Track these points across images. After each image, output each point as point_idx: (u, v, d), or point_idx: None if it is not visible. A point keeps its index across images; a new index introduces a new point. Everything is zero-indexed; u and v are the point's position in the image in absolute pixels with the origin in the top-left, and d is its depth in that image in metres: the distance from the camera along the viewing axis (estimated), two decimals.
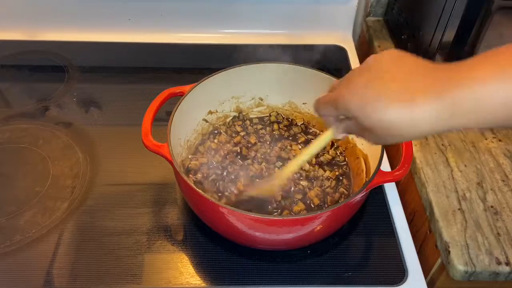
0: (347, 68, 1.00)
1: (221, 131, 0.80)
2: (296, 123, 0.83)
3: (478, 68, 0.40)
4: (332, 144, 0.79)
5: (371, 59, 0.47)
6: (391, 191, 0.76)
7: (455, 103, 0.40)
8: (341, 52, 1.04)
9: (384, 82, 0.43)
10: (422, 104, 0.40)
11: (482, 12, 0.73)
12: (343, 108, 0.46)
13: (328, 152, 0.78)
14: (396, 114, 0.41)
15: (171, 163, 0.63)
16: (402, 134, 0.43)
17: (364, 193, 0.62)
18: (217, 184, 0.71)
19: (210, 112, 0.80)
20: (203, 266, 0.66)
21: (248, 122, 0.83)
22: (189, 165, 0.74)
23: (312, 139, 0.80)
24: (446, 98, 0.40)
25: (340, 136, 0.52)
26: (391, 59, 0.45)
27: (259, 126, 0.82)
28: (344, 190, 0.72)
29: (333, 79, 0.76)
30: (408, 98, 0.41)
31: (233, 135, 0.80)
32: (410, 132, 0.42)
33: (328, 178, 0.74)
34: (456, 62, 0.42)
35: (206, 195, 0.59)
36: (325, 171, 0.75)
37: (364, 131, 0.46)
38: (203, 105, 0.78)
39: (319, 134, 0.81)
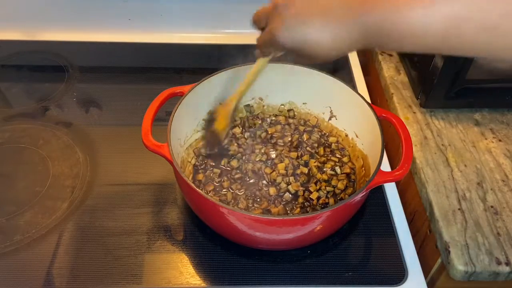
0: (347, 68, 1.00)
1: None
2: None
3: None
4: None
5: None
6: (391, 191, 0.76)
7: (366, 26, 0.46)
8: None
9: (308, 11, 0.50)
10: (339, 26, 0.48)
11: None
12: (281, 47, 0.54)
13: (330, 155, 0.78)
14: (317, 34, 0.49)
15: (171, 163, 0.63)
16: (328, 53, 0.50)
17: (364, 193, 0.62)
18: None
19: (210, 112, 0.80)
20: (203, 266, 0.66)
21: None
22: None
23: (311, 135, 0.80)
24: (359, 21, 0.47)
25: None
26: None
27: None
28: (344, 190, 0.72)
29: (333, 79, 0.76)
30: (328, 21, 0.49)
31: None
32: (333, 50, 0.50)
33: (327, 179, 0.74)
34: None
35: (206, 195, 0.59)
36: (325, 171, 0.75)
37: (297, 56, 0.53)
38: (203, 105, 0.78)
39: (321, 130, 0.81)
